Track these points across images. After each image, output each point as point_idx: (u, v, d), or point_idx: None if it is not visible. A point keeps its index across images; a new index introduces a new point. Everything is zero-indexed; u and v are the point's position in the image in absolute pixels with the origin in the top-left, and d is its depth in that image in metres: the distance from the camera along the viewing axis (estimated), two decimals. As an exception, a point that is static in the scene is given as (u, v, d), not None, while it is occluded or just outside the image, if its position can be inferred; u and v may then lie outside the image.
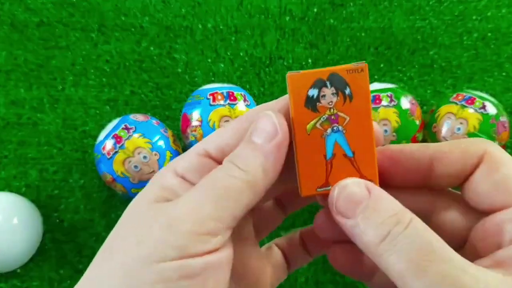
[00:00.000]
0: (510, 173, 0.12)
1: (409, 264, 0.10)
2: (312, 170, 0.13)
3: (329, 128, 0.13)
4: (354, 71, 0.12)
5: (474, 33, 0.38)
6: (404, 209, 0.12)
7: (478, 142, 0.13)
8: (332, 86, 0.12)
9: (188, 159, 0.13)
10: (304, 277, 0.31)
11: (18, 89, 0.35)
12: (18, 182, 0.33)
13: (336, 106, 0.12)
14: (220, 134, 0.13)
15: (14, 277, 0.30)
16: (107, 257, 0.12)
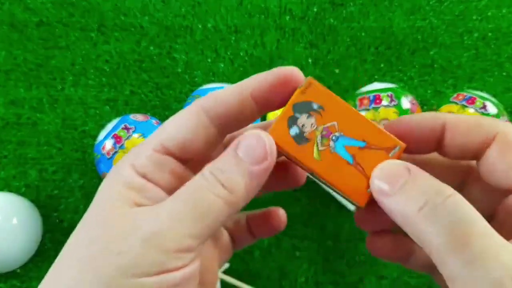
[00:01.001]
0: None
1: (448, 237, 0.10)
2: (350, 182, 0.13)
3: (329, 141, 0.13)
4: (306, 89, 0.13)
5: (475, 33, 0.38)
6: (444, 184, 0.11)
7: (491, 121, 0.13)
8: (301, 113, 0.13)
9: (146, 155, 0.13)
10: (304, 277, 0.31)
11: (17, 89, 0.35)
12: (18, 182, 0.33)
13: (318, 123, 0.13)
14: (177, 126, 0.13)
15: (14, 277, 0.30)
16: (83, 259, 0.11)
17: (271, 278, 0.31)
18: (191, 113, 0.13)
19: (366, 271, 0.31)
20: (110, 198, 0.12)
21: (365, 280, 0.30)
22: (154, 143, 0.13)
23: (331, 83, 0.36)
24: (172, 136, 0.13)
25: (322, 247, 0.31)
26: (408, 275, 0.31)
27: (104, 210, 0.12)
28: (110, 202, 0.12)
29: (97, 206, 0.12)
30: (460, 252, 0.10)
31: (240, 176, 0.12)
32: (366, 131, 0.13)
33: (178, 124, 0.13)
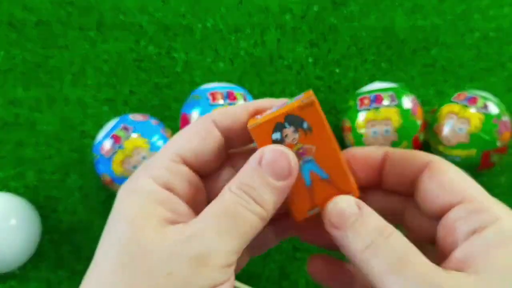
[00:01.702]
0: (454, 176, 0.13)
1: (389, 266, 0.12)
2: (298, 198, 0.14)
3: (300, 161, 0.14)
4: (305, 107, 0.14)
5: (476, 32, 0.37)
6: (387, 224, 0.13)
7: (425, 153, 0.14)
8: (290, 125, 0.14)
9: (164, 166, 0.13)
10: (305, 279, 0.31)
11: (16, 88, 0.35)
12: (16, 182, 0.32)
13: (300, 141, 0.14)
14: (190, 136, 0.14)
15: (12, 278, 0.30)
16: (133, 276, 0.11)
17: (271, 280, 0.31)
18: (202, 124, 0.14)
19: (367, 272, 0.31)
20: (137, 216, 0.12)
21: (366, 281, 0.30)
22: (169, 153, 0.13)
23: (331, 83, 0.36)
24: (186, 146, 0.13)
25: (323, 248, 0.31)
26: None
27: (136, 231, 0.12)
28: (140, 221, 0.12)
29: (125, 226, 0.12)
30: (400, 275, 0.12)
31: (269, 193, 0.13)
32: (335, 168, 0.14)
33: (190, 135, 0.14)
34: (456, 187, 0.13)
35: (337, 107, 0.35)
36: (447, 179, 0.13)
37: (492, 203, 0.13)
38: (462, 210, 0.13)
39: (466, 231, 0.12)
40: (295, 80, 0.36)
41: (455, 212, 0.13)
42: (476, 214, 0.12)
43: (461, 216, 0.13)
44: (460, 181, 0.13)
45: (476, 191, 0.13)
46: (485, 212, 0.12)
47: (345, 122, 0.31)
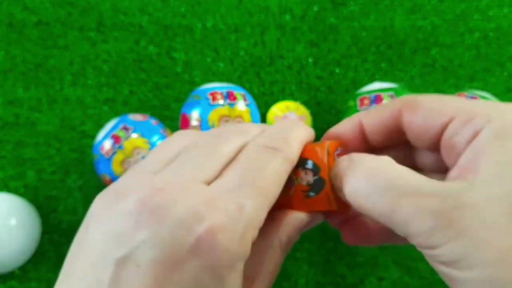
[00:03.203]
0: (432, 103, 0.13)
1: (380, 192, 0.12)
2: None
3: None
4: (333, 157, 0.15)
5: (476, 32, 0.37)
6: (378, 158, 0.13)
7: (393, 101, 0.15)
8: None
9: (260, 226, 0.13)
10: (305, 279, 0.31)
11: (16, 88, 0.35)
12: (16, 182, 0.32)
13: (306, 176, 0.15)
14: (277, 189, 0.14)
15: (12, 278, 0.30)
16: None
17: (271, 279, 0.31)
18: (285, 172, 0.14)
19: (367, 272, 0.30)
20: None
21: (366, 282, 0.30)
22: (265, 213, 0.14)
23: (331, 83, 0.36)
24: (273, 200, 0.14)
25: (323, 248, 0.31)
26: (408, 276, 0.30)
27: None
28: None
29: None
30: (390, 197, 0.12)
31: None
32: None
33: (275, 184, 0.14)
34: (439, 109, 0.13)
35: (337, 107, 0.35)
36: (428, 108, 0.13)
37: (481, 107, 0.12)
38: (455, 125, 0.12)
39: (463, 142, 0.12)
40: (295, 80, 0.36)
41: (449, 130, 0.13)
42: (468, 123, 0.12)
43: (455, 131, 0.12)
44: (441, 103, 0.13)
45: (460, 103, 0.13)
46: (477, 117, 0.12)
47: (345, 122, 0.31)
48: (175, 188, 0.12)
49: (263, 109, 0.35)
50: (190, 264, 0.11)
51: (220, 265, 0.11)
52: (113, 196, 0.12)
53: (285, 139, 0.14)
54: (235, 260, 0.11)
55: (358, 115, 0.15)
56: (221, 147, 0.13)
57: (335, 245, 0.31)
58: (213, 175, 0.13)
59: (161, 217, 0.11)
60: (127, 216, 0.11)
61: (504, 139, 0.11)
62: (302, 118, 0.34)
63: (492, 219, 0.10)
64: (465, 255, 0.10)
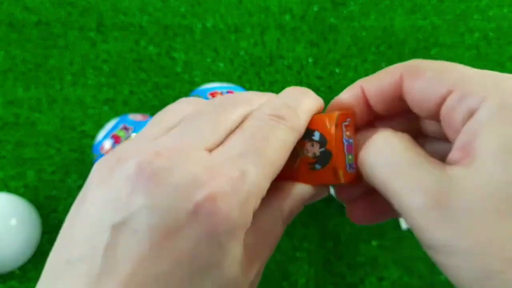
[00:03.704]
0: (432, 73, 0.13)
1: (387, 175, 0.12)
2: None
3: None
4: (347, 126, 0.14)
5: (476, 32, 0.37)
6: (383, 132, 0.13)
7: (392, 69, 0.14)
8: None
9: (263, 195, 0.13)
10: (305, 278, 0.31)
11: (16, 88, 0.35)
12: (16, 182, 0.32)
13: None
14: (281, 158, 0.13)
15: (12, 278, 0.30)
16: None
17: (271, 279, 0.31)
18: (292, 142, 0.14)
19: (367, 272, 0.30)
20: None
21: (366, 281, 0.30)
22: (269, 183, 0.14)
23: (331, 83, 0.36)
24: (277, 170, 0.14)
25: (323, 248, 0.31)
26: (408, 277, 0.30)
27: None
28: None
29: None
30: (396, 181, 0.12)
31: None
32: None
33: (278, 153, 0.13)
34: (439, 79, 0.13)
35: (337, 107, 0.35)
36: (427, 77, 0.13)
37: (478, 81, 0.12)
38: (452, 99, 0.12)
39: (460, 120, 0.12)
40: (295, 80, 0.36)
41: (447, 104, 0.12)
42: (464, 100, 0.12)
43: (453, 106, 0.12)
44: (441, 73, 0.13)
45: (460, 73, 0.12)
46: (472, 94, 0.12)
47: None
48: (175, 153, 0.12)
49: (263, 109, 0.35)
50: (189, 231, 0.11)
51: (219, 232, 0.11)
52: (111, 161, 0.12)
53: (292, 108, 0.13)
54: (235, 228, 0.11)
55: (359, 82, 0.15)
56: (224, 115, 0.13)
57: (335, 245, 0.31)
58: (215, 143, 0.12)
59: (159, 182, 0.11)
60: (124, 181, 0.11)
61: (499, 122, 0.11)
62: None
63: (479, 209, 0.10)
64: (450, 241, 0.10)
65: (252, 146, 0.12)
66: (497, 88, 0.11)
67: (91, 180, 0.13)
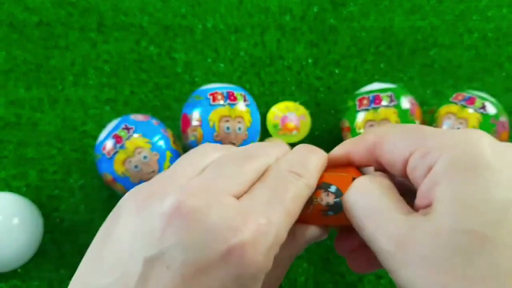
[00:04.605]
0: (394, 138, 0.14)
1: (363, 217, 0.14)
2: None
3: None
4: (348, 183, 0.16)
5: (475, 33, 0.38)
6: (369, 177, 0.15)
7: (363, 137, 0.16)
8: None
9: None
10: (304, 277, 0.31)
11: (17, 89, 0.35)
12: (18, 182, 0.33)
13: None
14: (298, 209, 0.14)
15: (14, 277, 0.31)
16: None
17: (271, 278, 0.31)
18: (307, 193, 0.15)
19: (366, 271, 0.31)
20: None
21: (364, 280, 0.31)
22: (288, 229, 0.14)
23: (331, 83, 0.36)
24: (295, 218, 0.15)
25: (322, 246, 0.31)
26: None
27: None
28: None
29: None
30: (365, 230, 0.13)
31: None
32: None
33: (296, 204, 0.15)
34: (401, 144, 0.14)
35: (336, 107, 0.35)
36: (392, 143, 0.14)
37: (436, 139, 0.13)
38: (413, 160, 0.13)
39: (421, 176, 0.13)
40: (295, 81, 0.36)
41: (409, 165, 0.14)
42: (423, 159, 0.13)
43: (415, 165, 0.13)
44: (404, 138, 0.14)
45: (419, 137, 0.14)
46: (430, 153, 0.13)
47: (344, 123, 0.31)
48: (208, 196, 0.12)
49: (263, 109, 0.35)
50: (218, 272, 0.11)
51: (246, 275, 0.11)
52: (147, 194, 0.13)
53: (305, 166, 0.15)
54: (259, 272, 0.12)
55: (345, 144, 0.16)
56: (249, 165, 0.14)
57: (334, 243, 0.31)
58: (241, 190, 0.13)
59: (195, 221, 0.11)
60: (160, 216, 0.12)
61: (453, 174, 0.12)
62: (301, 118, 0.35)
63: (435, 254, 0.11)
64: (411, 284, 0.11)
65: (275, 196, 0.13)
66: (451, 144, 0.12)
67: (124, 207, 0.13)
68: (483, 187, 0.11)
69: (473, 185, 0.11)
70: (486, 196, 0.11)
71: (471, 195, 0.11)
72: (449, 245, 0.11)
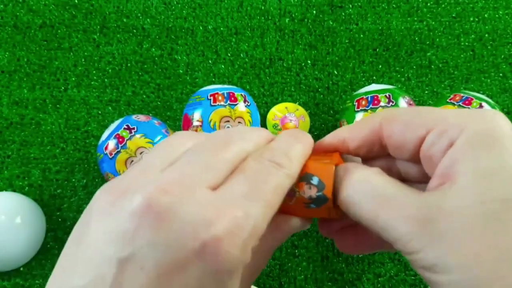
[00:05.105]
0: (408, 116, 0.14)
1: (373, 205, 0.13)
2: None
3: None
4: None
5: (471, 34, 0.38)
6: (364, 171, 0.14)
7: (371, 117, 0.15)
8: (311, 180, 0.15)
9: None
10: (303, 275, 0.31)
11: (21, 89, 0.35)
12: (21, 181, 0.33)
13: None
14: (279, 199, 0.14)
15: (17, 275, 0.31)
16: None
17: (271, 276, 0.31)
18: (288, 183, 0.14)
19: (364, 269, 0.31)
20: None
21: (363, 278, 0.31)
22: (268, 222, 0.14)
23: (329, 84, 0.37)
24: (275, 209, 0.14)
25: (321, 245, 0.32)
26: (405, 273, 0.31)
27: None
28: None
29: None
30: (381, 213, 0.13)
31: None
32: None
33: (277, 193, 0.14)
34: (416, 122, 0.14)
35: (335, 107, 0.36)
36: (404, 122, 0.14)
37: (455, 117, 0.13)
38: (431, 137, 0.13)
39: (440, 152, 0.13)
40: (294, 82, 0.37)
41: (426, 142, 0.13)
42: (444, 134, 0.13)
43: (432, 142, 0.13)
44: (417, 117, 0.14)
45: (436, 115, 0.13)
46: (451, 128, 0.13)
47: (343, 123, 0.32)
48: (181, 190, 0.12)
49: (263, 109, 0.35)
50: (194, 269, 0.11)
51: (222, 270, 0.11)
52: (117, 192, 0.12)
53: (288, 156, 0.14)
54: (237, 266, 0.11)
55: (341, 131, 0.16)
56: (225, 154, 0.13)
57: (333, 242, 0.32)
58: (217, 181, 0.13)
59: (166, 219, 0.11)
60: (131, 215, 0.11)
61: (476, 148, 0.12)
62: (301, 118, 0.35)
63: (464, 226, 0.11)
64: (440, 260, 0.11)
65: (254, 188, 0.13)
66: (471, 120, 0.13)
67: (95, 207, 0.12)
68: (508, 158, 0.11)
69: (498, 157, 0.11)
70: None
71: (497, 166, 0.11)
72: (480, 215, 0.11)
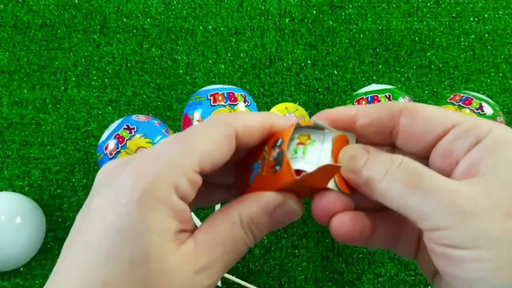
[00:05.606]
0: (433, 110, 0.14)
1: (405, 185, 0.13)
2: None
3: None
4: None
5: (471, 34, 0.38)
6: (396, 155, 0.14)
7: (393, 104, 0.15)
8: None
9: (188, 178, 0.13)
10: (304, 275, 0.31)
11: (21, 89, 0.35)
12: (21, 181, 0.33)
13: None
14: (211, 151, 0.14)
15: (17, 275, 0.31)
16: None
17: (271, 276, 0.31)
18: (224, 135, 0.14)
19: (364, 269, 0.31)
20: (157, 230, 0.12)
21: (363, 278, 0.31)
22: (193, 162, 0.13)
23: (329, 84, 0.37)
24: (207, 159, 0.14)
25: (321, 245, 0.32)
26: (405, 273, 0.31)
27: (156, 251, 0.12)
28: (158, 236, 0.12)
29: (136, 239, 0.12)
30: (416, 190, 0.13)
31: (268, 231, 0.15)
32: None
33: (211, 143, 0.14)
34: (440, 116, 0.14)
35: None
36: (429, 113, 0.14)
37: (480, 120, 0.14)
38: (457, 131, 0.13)
39: (466, 147, 0.13)
40: (294, 82, 0.37)
41: (450, 136, 0.14)
42: (471, 131, 0.13)
43: (458, 136, 0.13)
44: (441, 111, 0.14)
45: (460, 115, 0.14)
46: (478, 127, 0.13)
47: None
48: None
49: (263, 109, 0.35)
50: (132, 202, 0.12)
51: (133, 200, 0.12)
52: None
53: (237, 117, 0.14)
54: (149, 197, 0.12)
55: (356, 107, 0.16)
56: None
57: (333, 242, 0.32)
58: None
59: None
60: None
61: (505, 147, 0.13)
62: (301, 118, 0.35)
63: (494, 208, 0.12)
64: (472, 236, 0.12)
65: (178, 137, 0.14)
66: (496, 125, 0.13)
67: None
68: None
69: None
70: None
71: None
72: (508, 199, 0.12)
